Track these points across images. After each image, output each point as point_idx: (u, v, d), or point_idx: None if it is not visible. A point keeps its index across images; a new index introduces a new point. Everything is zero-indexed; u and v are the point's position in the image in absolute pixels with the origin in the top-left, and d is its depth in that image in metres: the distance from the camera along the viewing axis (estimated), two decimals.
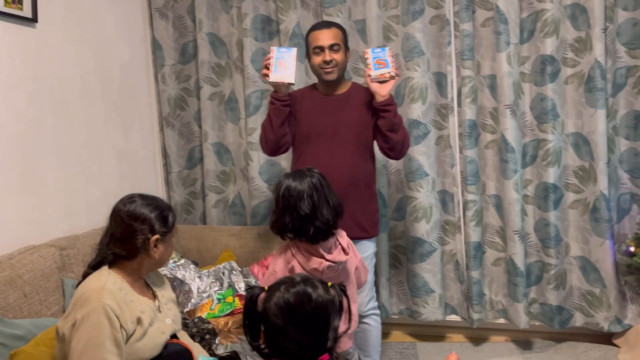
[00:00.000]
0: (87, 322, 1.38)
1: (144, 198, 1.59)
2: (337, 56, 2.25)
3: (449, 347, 2.87)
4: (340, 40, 2.27)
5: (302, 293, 1.17)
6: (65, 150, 2.40)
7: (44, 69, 2.29)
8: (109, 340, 1.39)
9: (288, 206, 1.81)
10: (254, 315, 1.20)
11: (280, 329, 1.15)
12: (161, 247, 1.58)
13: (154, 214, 1.55)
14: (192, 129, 3.17)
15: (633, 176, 2.60)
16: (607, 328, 2.64)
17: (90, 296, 1.42)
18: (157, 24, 3.07)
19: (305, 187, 1.81)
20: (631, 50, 2.52)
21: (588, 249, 2.65)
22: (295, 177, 1.85)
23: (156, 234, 1.54)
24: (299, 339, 1.15)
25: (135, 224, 1.52)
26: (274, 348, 1.19)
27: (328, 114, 2.29)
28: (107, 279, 1.49)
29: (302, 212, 1.78)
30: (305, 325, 1.16)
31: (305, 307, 1.16)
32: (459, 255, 2.85)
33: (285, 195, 1.82)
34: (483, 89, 2.72)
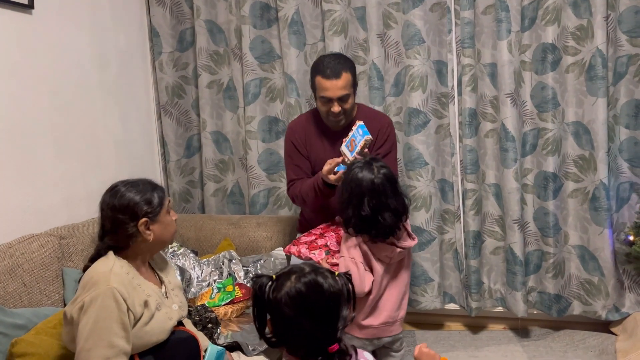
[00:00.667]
0: (94, 305, 1.39)
1: (127, 185, 1.57)
2: (347, 105, 2.16)
3: (448, 335, 2.89)
4: (350, 87, 2.14)
5: (313, 283, 1.16)
6: (63, 139, 2.38)
7: (41, 56, 2.26)
8: (116, 323, 1.40)
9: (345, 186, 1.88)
10: (263, 304, 1.19)
11: (291, 319, 1.15)
12: (156, 227, 1.56)
13: (136, 198, 1.53)
14: (190, 117, 3.15)
15: (633, 165, 2.60)
16: (605, 316, 2.65)
17: (99, 279, 1.43)
18: (154, 11, 3.03)
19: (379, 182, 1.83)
20: (632, 39, 2.50)
21: (587, 238, 2.66)
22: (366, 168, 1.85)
23: (142, 218, 1.53)
24: (309, 329, 1.15)
25: (119, 215, 1.52)
26: (282, 337, 1.19)
27: (337, 149, 2.14)
28: (114, 262, 1.49)
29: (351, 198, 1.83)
30: (316, 316, 1.15)
31: (317, 297, 1.16)
32: (458, 244, 2.86)
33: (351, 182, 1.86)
34: (483, 77, 2.71)
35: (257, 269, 2.55)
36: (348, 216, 1.85)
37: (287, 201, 3.04)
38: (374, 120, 2.27)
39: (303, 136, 2.31)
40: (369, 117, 2.24)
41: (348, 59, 2.22)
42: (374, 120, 2.27)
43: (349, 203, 1.84)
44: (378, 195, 1.81)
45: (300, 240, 2.11)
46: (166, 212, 1.60)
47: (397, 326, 1.99)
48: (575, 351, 2.62)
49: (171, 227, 1.62)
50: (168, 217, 1.61)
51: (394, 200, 1.83)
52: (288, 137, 2.36)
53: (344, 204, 1.86)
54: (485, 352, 2.70)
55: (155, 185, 1.61)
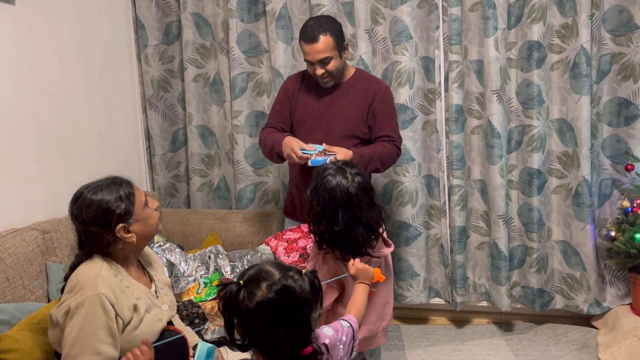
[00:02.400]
0: (81, 311, 1.35)
1: (91, 190, 1.47)
2: (330, 66, 2.17)
3: (433, 330, 2.92)
4: (330, 50, 2.15)
5: (285, 290, 1.12)
6: (46, 132, 2.34)
7: (23, 48, 2.22)
8: (102, 329, 1.36)
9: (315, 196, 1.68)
10: (232, 312, 1.14)
11: (264, 329, 1.11)
12: (136, 227, 1.48)
13: (104, 205, 1.43)
14: (176, 111, 3.12)
15: (614, 162, 2.65)
16: (587, 310, 2.70)
17: (86, 284, 1.38)
18: (139, 3, 2.99)
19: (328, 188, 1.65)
20: (616, 37, 2.54)
21: (569, 233, 2.70)
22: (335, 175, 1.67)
23: (117, 224, 1.44)
24: (284, 337, 1.11)
25: (91, 228, 1.45)
26: (253, 341, 1.15)
27: (325, 104, 2.25)
28: (101, 265, 1.45)
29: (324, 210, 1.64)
30: (291, 322, 1.12)
31: (290, 304, 1.12)
32: (443, 239, 2.88)
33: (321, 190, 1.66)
34: (470, 74, 2.73)
35: (244, 264, 2.54)
36: (321, 231, 1.66)
37: (274, 196, 3.03)
38: (370, 82, 2.29)
39: (296, 88, 2.34)
40: (365, 80, 2.28)
41: (331, 21, 2.21)
42: (370, 82, 2.29)
43: (322, 217, 1.65)
44: (352, 207, 1.63)
45: (284, 235, 2.07)
46: (142, 206, 1.51)
47: (379, 337, 1.85)
48: (558, 344, 2.67)
49: (152, 219, 1.54)
50: (146, 210, 1.52)
51: (368, 213, 1.66)
52: (283, 85, 2.42)
53: (316, 217, 1.67)
54: (470, 346, 2.74)
55: (119, 181, 1.50)
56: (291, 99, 2.34)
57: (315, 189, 1.67)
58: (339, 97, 2.26)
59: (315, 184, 1.68)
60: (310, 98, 2.29)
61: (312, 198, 1.68)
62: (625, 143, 2.60)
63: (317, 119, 2.25)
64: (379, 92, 2.27)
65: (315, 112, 2.26)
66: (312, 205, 1.67)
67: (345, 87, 2.27)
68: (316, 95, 2.28)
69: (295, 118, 2.32)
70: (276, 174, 3.01)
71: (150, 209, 1.54)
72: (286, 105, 2.36)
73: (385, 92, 2.29)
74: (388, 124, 2.28)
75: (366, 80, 2.29)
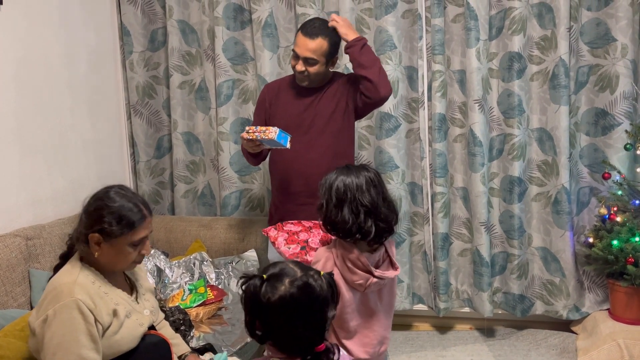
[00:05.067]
0: (59, 318, 1.34)
1: (119, 193, 1.47)
2: (312, 69, 2.18)
3: (416, 336, 2.94)
4: (320, 54, 2.16)
5: (307, 287, 1.19)
6: (29, 137, 2.32)
7: (8, 53, 2.21)
8: (83, 334, 1.36)
9: (345, 200, 1.61)
10: (254, 305, 1.20)
11: (283, 322, 1.18)
12: (106, 249, 1.44)
13: (108, 208, 1.42)
14: (161, 117, 3.12)
15: (592, 170, 2.72)
16: (566, 316, 2.75)
17: (62, 290, 1.38)
18: (125, 9, 2.99)
19: (363, 180, 1.63)
20: (593, 50, 2.62)
21: (549, 240, 2.76)
22: (349, 172, 1.66)
23: (96, 231, 1.41)
24: (301, 330, 1.18)
25: (83, 215, 1.46)
26: (272, 335, 1.22)
27: (305, 106, 2.27)
28: (79, 272, 1.44)
29: (363, 204, 1.60)
30: (309, 318, 1.19)
31: (310, 301, 1.19)
32: (426, 246, 2.92)
33: (340, 188, 1.62)
34: (453, 83, 2.78)
35: (229, 271, 2.55)
36: (344, 219, 1.61)
37: (259, 203, 3.04)
38: (342, 75, 2.34)
39: (273, 95, 2.35)
40: (338, 77, 2.32)
41: (334, 31, 2.21)
42: (342, 75, 2.34)
43: (342, 204, 1.61)
44: (375, 186, 1.64)
45: (284, 227, 2.00)
46: (127, 243, 1.45)
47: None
48: (538, 349, 2.72)
49: (123, 260, 1.47)
50: (128, 249, 1.46)
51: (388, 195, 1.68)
52: (261, 93, 2.45)
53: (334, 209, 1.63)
54: (452, 351, 2.77)
55: (140, 210, 1.46)
56: (268, 108, 2.35)
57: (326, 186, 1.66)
58: (317, 97, 2.28)
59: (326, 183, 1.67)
60: (289, 103, 2.31)
61: (327, 195, 1.66)
62: (602, 152, 2.67)
63: (298, 122, 2.26)
64: (347, 75, 2.33)
65: (295, 116, 2.27)
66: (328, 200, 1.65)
67: (324, 88, 2.29)
68: (295, 100, 2.30)
69: (276, 124, 2.31)
70: (261, 181, 3.02)
71: (132, 252, 1.48)
72: (262, 113, 2.38)
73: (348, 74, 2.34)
74: None
75: (339, 76, 2.34)
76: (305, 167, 2.21)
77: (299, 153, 2.20)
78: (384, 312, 1.74)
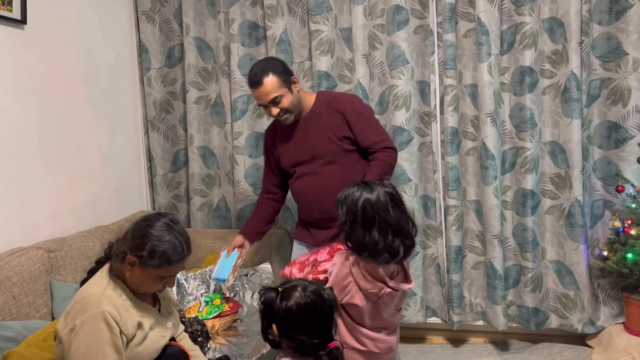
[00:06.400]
0: (86, 328, 1.39)
1: (170, 225, 1.51)
2: (283, 104, 2.15)
3: (430, 349, 2.94)
4: (278, 88, 2.12)
5: (318, 293, 1.41)
6: (51, 152, 2.39)
7: (31, 70, 2.29)
8: (108, 346, 1.40)
9: (373, 221, 1.58)
10: (270, 314, 1.39)
11: (299, 324, 1.37)
12: (137, 273, 1.48)
13: (152, 242, 1.46)
14: (178, 132, 3.18)
15: (606, 183, 2.72)
16: (581, 329, 2.74)
17: (90, 301, 1.42)
18: (143, 27, 3.07)
19: (387, 198, 1.61)
20: (605, 63, 2.64)
21: (563, 253, 2.75)
22: (371, 189, 1.63)
23: (135, 256, 1.46)
24: (316, 330, 1.38)
25: (129, 234, 1.50)
26: (289, 339, 1.40)
27: (300, 140, 2.25)
28: (107, 284, 1.49)
29: (390, 224, 1.59)
30: (321, 320, 1.39)
31: (322, 304, 1.41)
32: (440, 259, 2.93)
33: (367, 208, 1.59)
34: (465, 97, 2.81)
35: (244, 283, 2.58)
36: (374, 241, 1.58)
37: None
38: (333, 101, 2.24)
39: (272, 139, 2.38)
40: (328, 102, 2.24)
41: (272, 60, 2.20)
42: (333, 101, 2.24)
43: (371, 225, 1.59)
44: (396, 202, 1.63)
45: (296, 261, 2.04)
46: (158, 276, 1.49)
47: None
48: None
49: (147, 287, 1.53)
50: (156, 280, 1.51)
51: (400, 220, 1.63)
52: (264, 138, 2.48)
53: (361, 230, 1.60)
54: None
55: (184, 254, 1.52)
56: (273, 152, 2.36)
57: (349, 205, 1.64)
58: (310, 128, 2.24)
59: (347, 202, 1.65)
60: (286, 142, 2.30)
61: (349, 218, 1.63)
62: (615, 165, 2.68)
63: (299, 157, 2.25)
64: (346, 106, 2.22)
65: (295, 153, 2.27)
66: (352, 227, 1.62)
67: (311, 116, 2.24)
68: (290, 136, 2.28)
69: (283, 165, 2.34)
70: None
71: (159, 284, 1.53)
72: (270, 158, 2.41)
73: (351, 104, 2.25)
74: (370, 130, 2.23)
75: (329, 101, 2.25)
76: (318, 195, 2.21)
77: (309, 184, 2.23)
78: (394, 320, 1.76)
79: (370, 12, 2.85)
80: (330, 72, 2.88)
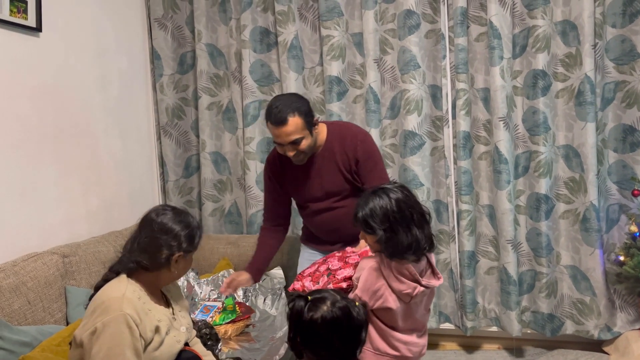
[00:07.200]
0: (107, 331, 1.39)
1: (176, 213, 1.58)
2: (302, 146, 2.02)
3: (443, 355, 2.92)
4: (300, 131, 1.98)
5: (346, 310, 1.36)
6: (65, 158, 2.41)
7: (47, 78, 2.31)
8: (129, 349, 1.40)
9: (410, 217, 1.58)
10: (298, 322, 1.36)
11: (323, 338, 1.33)
12: (182, 264, 1.59)
13: (184, 232, 1.54)
14: (190, 138, 3.20)
15: (621, 187, 2.68)
16: (597, 335, 2.70)
17: (111, 305, 1.43)
18: (156, 34, 3.10)
19: (403, 192, 1.61)
20: (619, 66, 2.61)
21: (578, 258, 2.72)
22: (384, 191, 1.61)
23: (181, 251, 1.54)
24: (337, 347, 1.34)
25: (164, 237, 1.53)
26: (311, 350, 1.36)
27: (314, 178, 2.17)
28: (126, 287, 1.49)
29: (422, 212, 1.60)
30: (345, 336, 1.34)
31: (348, 321, 1.35)
32: (453, 264, 2.90)
33: (401, 207, 1.58)
34: (477, 101, 2.79)
35: (256, 288, 2.58)
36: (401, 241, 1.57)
37: None
38: (345, 140, 2.15)
39: (279, 169, 2.24)
40: (340, 139, 2.15)
41: (299, 99, 2.05)
42: (345, 140, 2.15)
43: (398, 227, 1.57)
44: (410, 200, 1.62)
45: (304, 273, 1.99)
46: (191, 258, 1.64)
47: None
48: None
49: (189, 267, 1.66)
50: (192, 258, 1.65)
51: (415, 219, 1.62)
52: (264, 171, 2.32)
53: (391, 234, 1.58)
54: None
55: (198, 224, 1.63)
56: (280, 184, 2.27)
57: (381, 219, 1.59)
58: (324, 165, 2.16)
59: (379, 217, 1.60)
60: (297, 178, 2.20)
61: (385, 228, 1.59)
62: (631, 169, 2.64)
63: (312, 194, 2.18)
64: (357, 145, 2.14)
65: (307, 191, 2.18)
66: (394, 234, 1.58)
67: (325, 153, 2.15)
68: (302, 173, 2.19)
69: (293, 197, 2.28)
70: None
71: (190, 263, 1.65)
72: (275, 190, 2.29)
73: (363, 143, 2.15)
74: (376, 174, 2.15)
75: (341, 139, 2.15)
76: (335, 226, 2.18)
77: (326, 219, 2.19)
78: (424, 321, 1.76)
79: (381, 17, 2.85)
80: (341, 77, 2.88)
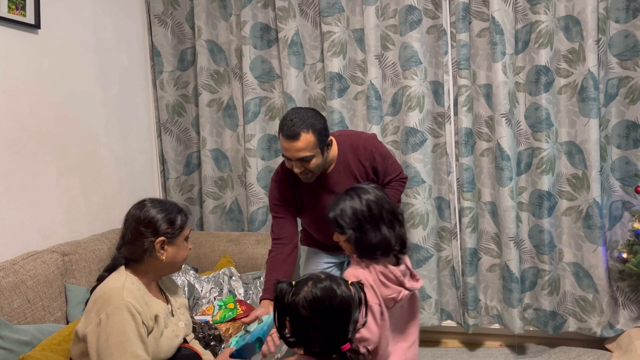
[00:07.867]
0: (112, 320, 1.41)
1: (154, 202, 1.61)
2: (311, 165, 1.90)
3: (445, 352, 2.91)
4: (311, 149, 1.86)
5: (328, 288, 1.27)
6: (65, 156, 2.40)
7: (46, 75, 2.30)
8: (134, 335, 1.43)
9: (379, 216, 1.59)
10: (282, 307, 1.29)
11: (307, 320, 1.26)
12: (170, 250, 1.59)
13: (160, 215, 1.57)
14: (190, 135, 3.18)
15: (624, 184, 2.67)
16: (600, 333, 2.69)
17: (112, 295, 1.45)
18: (156, 31, 3.08)
19: (376, 193, 1.62)
20: (623, 62, 2.59)
21: (581, 255, 2.70)
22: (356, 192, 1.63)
23: (161, 236, 1.56)
24: (324, 329, 1.26)
25: (140, 227, 1.55)
26: (300, 337, 1.30)
27: (326, 195, 2.04)
28: (125, 278, 1.52)
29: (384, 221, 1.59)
30: (330, 317, 1.27)
31: (331, 301, 1.26)
32: (454, 261, 2.89)
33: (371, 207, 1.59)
34: (479, 97, 2.77)
35: (257, 286, 2.57)
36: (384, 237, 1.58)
37: None
38: (358, 150, 2.08)
39: (293, 186, 2.10)
40: (353, 151, 2.07)
41: (316, 116, 1.91)
42: (358, 150, 2.08)
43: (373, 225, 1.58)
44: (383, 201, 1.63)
45: None
46: (183, 238, 1.63)
47: None
48: None
49: (184, 252, 1.65)
50: (185, 243, 1.64)
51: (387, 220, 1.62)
52: (276, 182, 2.13)
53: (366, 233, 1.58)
54: None
55: (180, 208, 1.65)
56: (294, 201, 2.10)
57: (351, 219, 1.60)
58: (338, 179, 2.06)
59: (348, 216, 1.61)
60: (311, 198, 2.09)
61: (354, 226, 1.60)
62: (634, 165, 2.62)
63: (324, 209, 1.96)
64: (373, 153, 2.08)
65: (320, 206, 2.02)
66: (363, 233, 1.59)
67: (340, 167, 2.06)
68: (315, 193, 2.08)
69: (302, 209, 2.14)
70: None
71: (187, 244, 1.66)
72: (287, 207, 2.09)
73: (377, 148, 2.10)
74: (390, 167, 2.15)
75: (354, 149, 2.08)
76: None
77: None
78: (414, 326, 1.72)
79: (383, 13, 2.83)
80: (342, 73, 2.87)
